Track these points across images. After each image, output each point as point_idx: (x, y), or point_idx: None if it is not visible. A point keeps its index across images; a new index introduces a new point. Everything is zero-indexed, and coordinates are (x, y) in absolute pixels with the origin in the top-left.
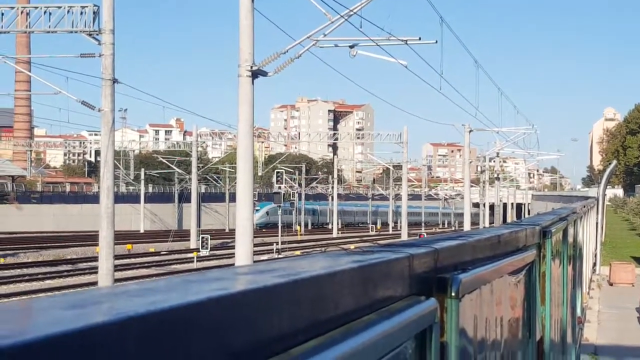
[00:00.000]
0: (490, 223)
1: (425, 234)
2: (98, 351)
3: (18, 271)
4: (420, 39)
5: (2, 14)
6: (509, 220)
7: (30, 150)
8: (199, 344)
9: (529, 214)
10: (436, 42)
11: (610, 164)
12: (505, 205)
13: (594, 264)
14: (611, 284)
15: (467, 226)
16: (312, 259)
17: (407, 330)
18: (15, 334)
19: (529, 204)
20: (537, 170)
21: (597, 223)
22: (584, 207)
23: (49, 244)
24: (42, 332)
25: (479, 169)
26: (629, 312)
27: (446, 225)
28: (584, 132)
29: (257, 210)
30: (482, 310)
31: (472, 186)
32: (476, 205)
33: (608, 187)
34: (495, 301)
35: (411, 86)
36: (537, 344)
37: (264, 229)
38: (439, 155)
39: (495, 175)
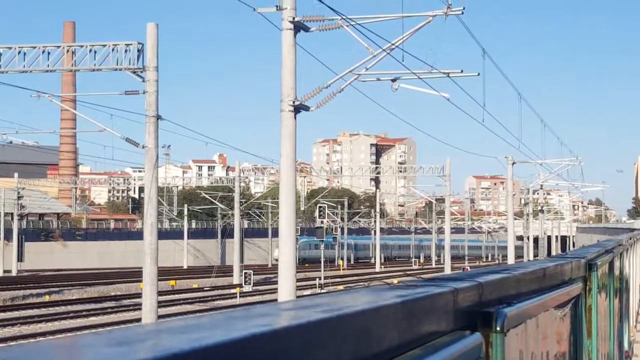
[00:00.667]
0: (534, 256)
1: (468, 268)
2: None
3: (63, 308)
4: (462, 71)
5: (49, 53)
6: (553, 253)
7: (75, 188)
8: None
9: (573, 246)
10: (478, 74)
11: None
12: (549, 238)
13: None
14: None
15: (511, 259)
16: (356, 293)
17: None
18: None
19: (573, 236)
20: (582, 203)
21: None
22: (630, 239)
23: (93, 281)
24: None
25: (522, 201)
26: None
27: (490, 259)
28: (629, 163)
29: None
30: (528, 345)
31: (515, 219)
32: (520, 238)
33: None
34: (541, 335)
35: (453, 119)
36: None
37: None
38: (482, 188)
39: (539, 208)
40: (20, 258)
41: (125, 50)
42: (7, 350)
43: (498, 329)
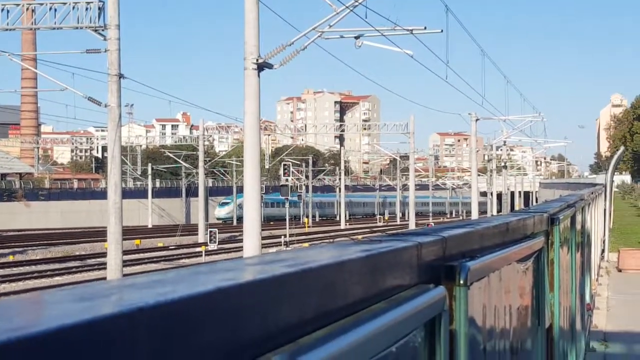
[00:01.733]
0: (498, 211)
1: (433, 224)
2: (108, 343)
3: (27, 268)
4: (425, 28)
5: (8, 11)
6: (516, 208)
7: (38, 148)
8: (208, 334)
9: (536, 201)
10: (442, 31)
11: (617, 150)
12: (512, 193)
13: (603, 251)
14: (620, 271)
15: (474, 215)
16: (321, 249)
17: (416, 318)
18: (26, 326)
19: (536, 192)
20: (545, 158)
21: (605, 210)
22: (592, 194)
23: (57, 241)
24: (52, 324)
25: (486, 157)
26: (638, 298)
27: (454, 215)
28: (591, 119)
29: (227, 203)
30: (491, 298)
31: (479, 175)
32: (484, 194)
33: (616, 173)
34: (504, 289)
35: (417, 76)
36: (546, 332)
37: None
38: (446, 144)
39: (503, 164)
40: None
41: (86, 9)
42: None
43: (461, 282)
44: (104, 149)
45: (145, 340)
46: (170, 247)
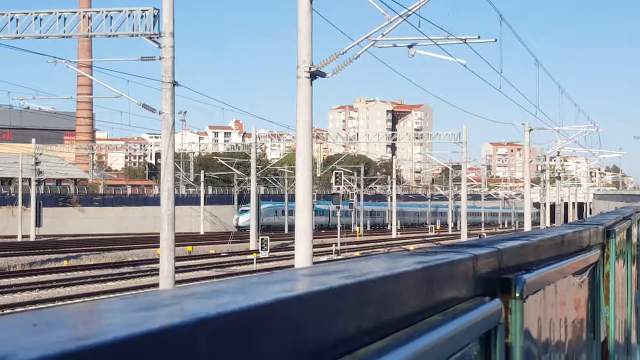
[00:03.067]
0: (551, 223)
1: (485, 234)
2: (170, 353)
3: (81, 273)
4: (479, 37)
5: (65, 19)
6: (570, 220)
7: (92, 154)
8: (267, 346)
9: (590, 213)
10: (495, 40)
11: None
12: (566, 204)
13: None
14: None
15: (527, 226)
16: (376, 260)
17: (472, 331)
18: (90, 335)
19: (590, 203)
20: (599, 169)
21: None
22: None
23: (110, 246)
24: (116, 334)
25: (539, 168)
26: None
27: (506, 226)
28: None
29: (246, 211)
30: (546, 311)
31: (532, 186)
32: (537, 205)
33: None
34: (559, 302)
35: (470, 85)
36: (601, 345)
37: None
38: (499, 154)
39: (556, 175)
40: (38, 223)
41: (142, 16)
42: (37, 314)
43: (517, 295)
44: (158, 155)
45: (206, 351)
46: (222, 254)
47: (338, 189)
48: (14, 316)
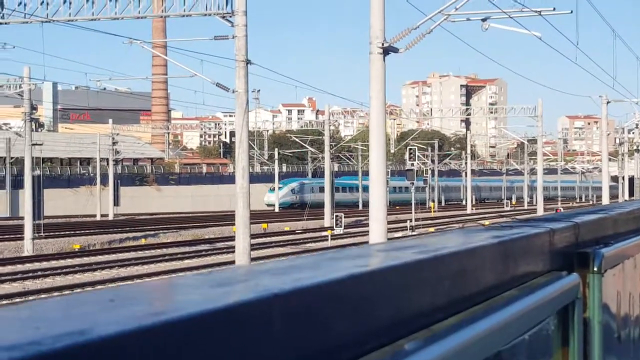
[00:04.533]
0: (630, 196)
1: (562, 209)
2: (245, 328)
3: (158, 251)
4: (554, 9)
5: (139, 0)
6: None
7: (168, 133)
8: (341, 320)
9: None
10: (571, 12)
11: None
12: None
13: None
14: None
15: (605, 200)
16: (451, 235)
17: (549, 306)
18: (165, 311)
19: None
20: None
21: None
22: None
23: (187, 225)
24: (191, 309)
25: (617, 141)
26: None
27: (583, 200)
28: None
29: (279, 188)
30: (626, 285)
31: (610, 159)
32: (615, 178)
33: None
34: (639, 276)
35: (545, 58)
36: None
37: (288, 208)
38: (575, 128)
39: (635, 147)
40: (116, 202)
41: None
42: (114, 291)
43: (595, 269)
44: (232, 134)
45: (280, 326)
46: (297, 232)
47: (412, 164)
48: (92, 293)
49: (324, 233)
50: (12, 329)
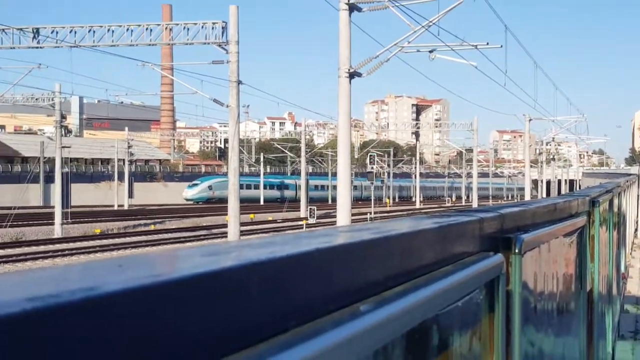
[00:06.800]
0: (547, 196)
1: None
2: (229, 290)
3: (164, 235)
4: (487, 43)
5: (151, 30)
6: (562, 192)
7: (173, 139)
8: (309, 286)
9: (579, 188)
10: (501, 46)
11: None
12: (559, 181)
13: (636, 230)
14: None
15: (527, 198)
16: (400, 221)
17: (478, 279)
18: (163, 274)
19: (579, 180)
20: (587, 152)
21: (638, 195)
22: (627, 182)
23: (188, 214)
24: (184, 273)
25: (537, 151)
26: None
27: (510, 198)
28: (627, 119)
29: (196, 184)
30: (541, 265)
31: (531, 166)
32: (535, 181)
33: None
34: (552, 259)
35: (480, 83)
36: (587, 295)
37: (201, 203)
38: (504, 140)
39: (551, 157)
40: (130, 195)
41: (212, 28)
42: (123, 258)
43: (517, 251)
44: (226, 141)
45: (258, 288)
46: (278, 221)
47: (372, 168)
48: (105, 260)
49: (300, 222)
50: (35, 285)
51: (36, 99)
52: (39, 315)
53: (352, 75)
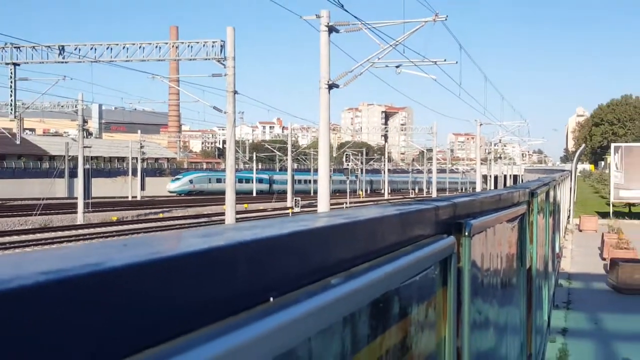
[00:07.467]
0: (495, 188)
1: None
2: (218, 265)
3: (171, 222)
4: (445, 60)
5: (160, 48)
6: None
7: (179, 140)
8: (288, 262)
9: (522, 182)
10: (456, 62)
11: (580, 147)
12: (505, 176)
13: (568, 217)
14: (580, 231)
15: (478, 190)
16: (368, 208)
17: (434, 257)
18: (162, 251)
19: (522, 175)
20: (528, 152)
21: (570, 188)
22: (562, 176)
23: (192, 204)
24: (179, 251)
25: (487, 151)
26: (592, 250)
27: (464, 191)
28: (562, 124)
29: (178, 179)
30: (487, 246)
31: (482, 163)
32: (485, 176)
33: (579, 163)
34: (497, 241)
35: (440, 93)
36: (527, 271)
37: (184, 195)
38: (459, 141)
39: (498, 156)
40: (142, 188)
41: (212, 46)
42: (129, 239)
43: (466, 234)
44: (224, 142)
45: (245, 264)
46: (268, 210)
47: (348, 165)
48: (112, 240)
49: (286, 211)
50: (48, 260)
51: (62, 106)
52: (50, 286)
53: (331, 86)
